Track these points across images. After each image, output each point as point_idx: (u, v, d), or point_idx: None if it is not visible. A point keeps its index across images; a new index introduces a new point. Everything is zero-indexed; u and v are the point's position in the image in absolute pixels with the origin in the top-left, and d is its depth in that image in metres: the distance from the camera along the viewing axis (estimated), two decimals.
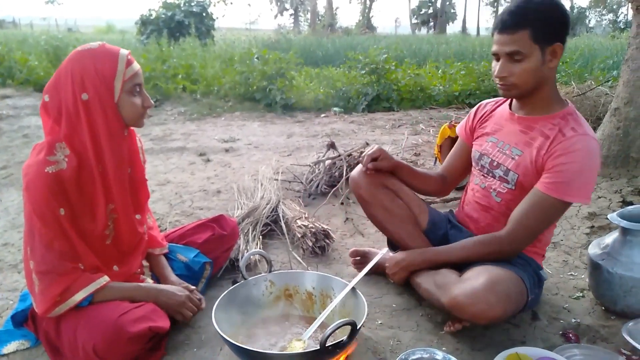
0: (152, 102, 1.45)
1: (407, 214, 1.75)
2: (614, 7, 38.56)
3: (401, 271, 1.66)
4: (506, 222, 1.55)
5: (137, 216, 1.54)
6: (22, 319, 1.50)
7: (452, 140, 2.86)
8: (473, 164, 1.73)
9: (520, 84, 1.45)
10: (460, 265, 1.57)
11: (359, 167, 1.78)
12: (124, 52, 1.36)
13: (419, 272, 1.64)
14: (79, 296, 1.33)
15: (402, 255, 1.67)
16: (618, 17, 37.58)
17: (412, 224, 1.75)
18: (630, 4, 2.87)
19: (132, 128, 1.48)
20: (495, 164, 1.60)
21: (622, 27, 26.68)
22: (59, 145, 1.33)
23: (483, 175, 1.67)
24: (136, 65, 1.39)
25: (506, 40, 1.41)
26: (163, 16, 11.61)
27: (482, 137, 1.69)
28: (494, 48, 1.47)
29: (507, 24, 1.41)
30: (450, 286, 1.46)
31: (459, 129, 1.82)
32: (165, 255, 1.70)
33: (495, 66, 1.48)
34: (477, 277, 1.42)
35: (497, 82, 1.49)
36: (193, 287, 1.60)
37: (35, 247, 1.31)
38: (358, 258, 1.95)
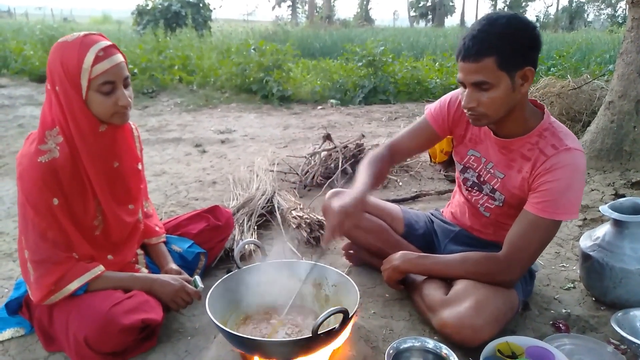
0: (129, 100, 1.34)
1: (379, 226, 1.80)
2: (613, 1, 38.45)
3: (391, 271, 1.61)
4: (496, 230, 1.58)
5: (130, 206, 1.53)
6: (17, 307, 1.50)
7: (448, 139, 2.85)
8: (456, 173, 1.69)
9: (491, 114, 1.35)
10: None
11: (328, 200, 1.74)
12: (98, 46, 1.27)
13: (410, 284, 1.65)
14: (74, 285, 1.33)
15: (396, 255, 1.62)
16: (616, 12, 37.47)
17: (387, 233, 1.79)
18: None
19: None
20: (482, 179, 1.56)
21: (620, 21, 26.59)
22: (49, 133, 1.32)
23: (467, 188, 1.64)
24: (110, 62, 1.28)
25: (471, 69, 1.29)
26: (160, 6, 11.53)
27: (461, 146, 1.62)
28: (459, 76, 1.35)
29: (470, 52, 1.28)
30: (437, 308, 1.45)
31: (429, 112, 1.66)
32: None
33: (463, 94, 1.37)
34: (463, 299, 1.39)
35: (466, 112, 1.39)
36: (191, 279, 1.59)
37: (29, 237, 1.31)
38: (351, 251, 1.96)
